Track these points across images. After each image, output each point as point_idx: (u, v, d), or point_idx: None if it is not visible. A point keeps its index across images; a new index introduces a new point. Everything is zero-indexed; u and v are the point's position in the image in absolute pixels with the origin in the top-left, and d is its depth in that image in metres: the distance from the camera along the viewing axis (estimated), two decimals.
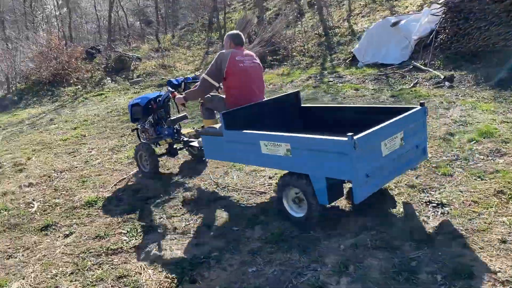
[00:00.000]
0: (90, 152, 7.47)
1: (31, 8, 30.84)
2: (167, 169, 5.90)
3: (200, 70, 15.58)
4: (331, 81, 10.04)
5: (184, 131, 5.87)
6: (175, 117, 5.75)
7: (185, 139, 5.69)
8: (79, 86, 17.58)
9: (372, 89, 8.59)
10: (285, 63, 13.66)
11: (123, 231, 4.17)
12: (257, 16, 16.56)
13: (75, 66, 18.41)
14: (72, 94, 16.75)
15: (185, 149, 5.93)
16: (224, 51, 4.58)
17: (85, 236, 4.19)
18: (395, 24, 10.43)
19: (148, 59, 19.40)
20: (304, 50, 13.94)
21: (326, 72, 11.38)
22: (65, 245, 4.06)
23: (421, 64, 9.29)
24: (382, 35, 10.77)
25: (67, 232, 4.34)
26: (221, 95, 4.86)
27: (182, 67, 17.81)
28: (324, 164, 3.35)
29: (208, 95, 4.84)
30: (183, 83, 5.51)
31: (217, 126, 4.60)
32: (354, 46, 12.48)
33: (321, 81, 10.29)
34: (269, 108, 4.60)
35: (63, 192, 5.57)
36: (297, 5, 18.31)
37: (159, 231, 4.08)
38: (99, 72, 18.58)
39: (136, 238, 4.00)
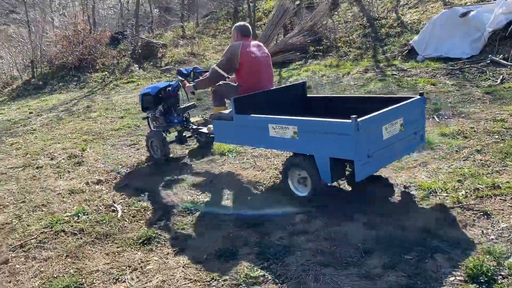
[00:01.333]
0: None
1: None
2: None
3: None
4: (395, 74, 9.15)
5: (193, 119, 6.07)
6: (184, 106, 5.87)
7: (194, 127, 5.85)
8: (106, 73, 16.66)
9: (452, 85, 7.70)
10: (330, 54, 12.75)
11: (253, 250, 3.30)
12: (297, 5, 15.58)
13: (101, 51, 17.46)
14: (100, 80, 15.83)
15: (193, 136, 6.08)
16: (234, 43, 4.67)
17: (204, 254, 3.33)
18: (464, 14, 9.50)
19: (173, 47, 18.49)
20: (349, 41, 13.01)
21: (381, 64, 10.48)
22: (183, 267, 3.20)
23: (500, 59, 8.39)
24: (446, 27, 9.86)
25: (177, 248, 3.48)
26: (232, 83, 4.91)
27: (211, 56, 16.91)
28: (329, 145, 3.52)
29: (220, 84, 4.89)
30: (192, 73, 5.57)
31: (226, 112, 4.71)
32: (407, 38, 11.59)
33: (382, 74, 9.40)
34: (277, 96, 4.76)
35: (147, 194, 4.71)
36: None
37: (298, 253, 3.21)
38: (125, 59, 17.65)
39: (274, 261, 3.12)
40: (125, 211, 4.30)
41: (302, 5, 15.52)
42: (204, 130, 5.60)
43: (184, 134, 6.00)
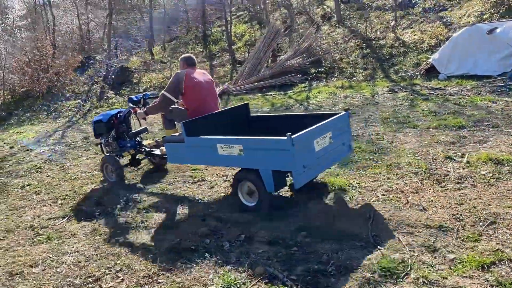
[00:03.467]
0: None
1: None
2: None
3: (227, 83, 13.54)
4: (432, 93, 8.48)
5: (145, 142, 6.14)
6: (136, 131, 6.01)
7: (147, 149, 5.93)
8: (79, 101, 14.86)
9: None
10: (335, 75, 11.99)
11: None
12: (288, 26, 14.79)
13: (71, 77, 15.63)
14: (76, 109, 14.04)
15: (147, 158, 6.19)
16: (179, 71, 5.02)
17: None
18: (491, 31, 9.09)
19: (145, 72, 17.00)
20: (351, 62, 12.33)
21: (402, 84, 9.83)
22: None
23: None
24: (470, 44, 9.39)
25: None
26: (180, 107, 5.15)
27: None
28: (270, 159, 3.87)
29: (169, 108, 5.12)
30: (142, 99, 5.78)
31: (177, 134, 5.03)
32: (418, 57, 11.11)
33: (417, 93, 8.69)
34: (223, 118, 5.03)
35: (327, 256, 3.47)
36: (309, 17, 16.74)
37: None
38: (98, 85, 15.90)
39: None
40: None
41: (294, 26, 14.75)
42: (157, 152, 5.71)
43: (137, 157, 6.06)
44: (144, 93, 5.99)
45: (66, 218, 4.85)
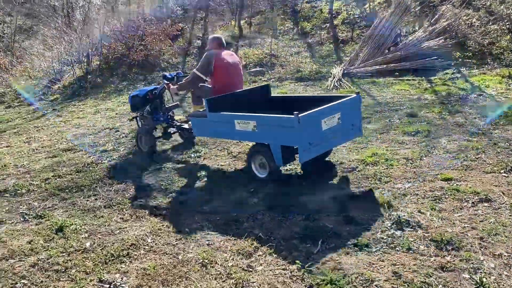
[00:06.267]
0: None
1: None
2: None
3: (343, 64, 11.65)
4: None
5: (176, 117, 6.51)
6: (169, 106, 6.30)
7: (178, 124, 6.18)
8: (178, 71, 13.30)
9: None
10: (487, 62, 9.97)
11: None
12: (419, 3, 12.73)
13: (168, 47, 14.05)
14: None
15: (177, 132, 6.31)
16: (210, 51, 5.23)
17: None
18: None
19: (237, 47, 15.24)
20: (506, 48, 10.25)
21: None
22: None
23: None
24: None
25: None
26: (208, 86, 5.28)
27: (294, 59, 13.48)
28: (279, 136, 4.14)
29: (199, 85, 5.26)
30: (175, 77, 5.95)
31: (201, 110, 5.23)
32: None
33: None
34: (245, 97, 5.20)
35: None
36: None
37: None
38: (191, 57, 14.30)
39: None
40: None
41: (426, 2, 12.65)
42: (186, 126, 5.90)
43: (169, 131, 6.23)
44: (178, 71, 6.30)
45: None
